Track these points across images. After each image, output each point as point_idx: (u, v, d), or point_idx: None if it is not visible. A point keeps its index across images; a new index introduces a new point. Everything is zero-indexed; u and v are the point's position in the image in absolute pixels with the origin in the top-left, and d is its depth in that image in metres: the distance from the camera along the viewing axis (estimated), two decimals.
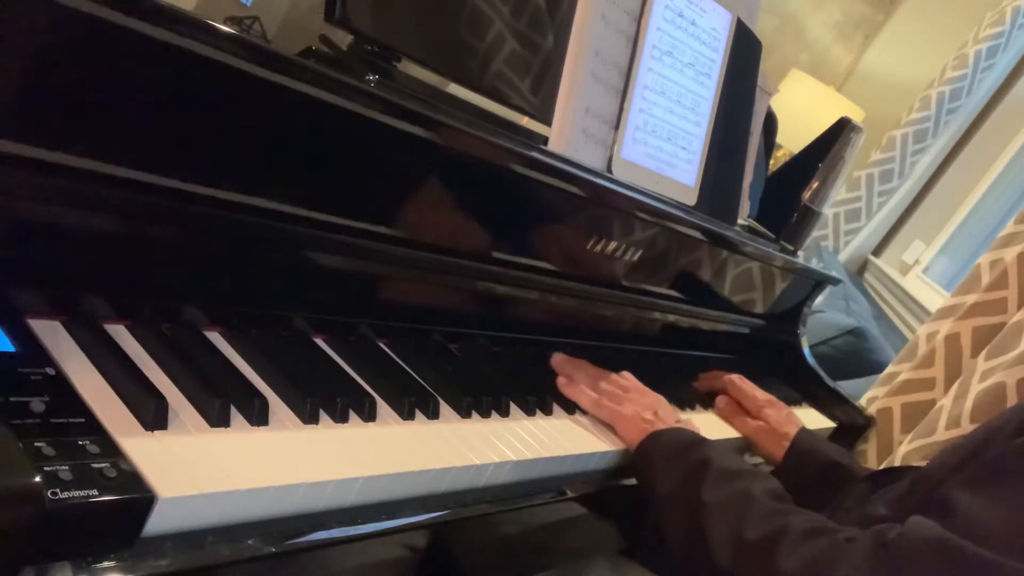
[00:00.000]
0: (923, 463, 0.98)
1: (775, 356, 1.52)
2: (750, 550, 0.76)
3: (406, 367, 0.84)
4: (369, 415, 0.73)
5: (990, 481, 0.72)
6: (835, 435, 1.44)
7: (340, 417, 0.70)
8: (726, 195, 1.22)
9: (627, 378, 1.04)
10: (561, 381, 0.98)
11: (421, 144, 0.77)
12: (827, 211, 1.84)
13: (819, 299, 1.56)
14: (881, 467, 1.26)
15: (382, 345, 0.86)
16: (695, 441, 0.92)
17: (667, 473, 0.88)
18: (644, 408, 0.98)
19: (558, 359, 1.03)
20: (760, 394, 1.24)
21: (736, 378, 1.26)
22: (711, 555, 0.78)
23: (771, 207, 1.46)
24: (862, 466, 1.19)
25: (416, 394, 0.78)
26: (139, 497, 0.50)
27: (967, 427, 1.23)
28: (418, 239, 0.84)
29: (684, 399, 1.17)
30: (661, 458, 0.90)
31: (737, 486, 0.83)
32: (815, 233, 1.54)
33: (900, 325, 2.79)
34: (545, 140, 0.95)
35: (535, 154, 0.87)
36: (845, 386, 1.53)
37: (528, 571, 0.99)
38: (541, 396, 0.91)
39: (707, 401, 1.23)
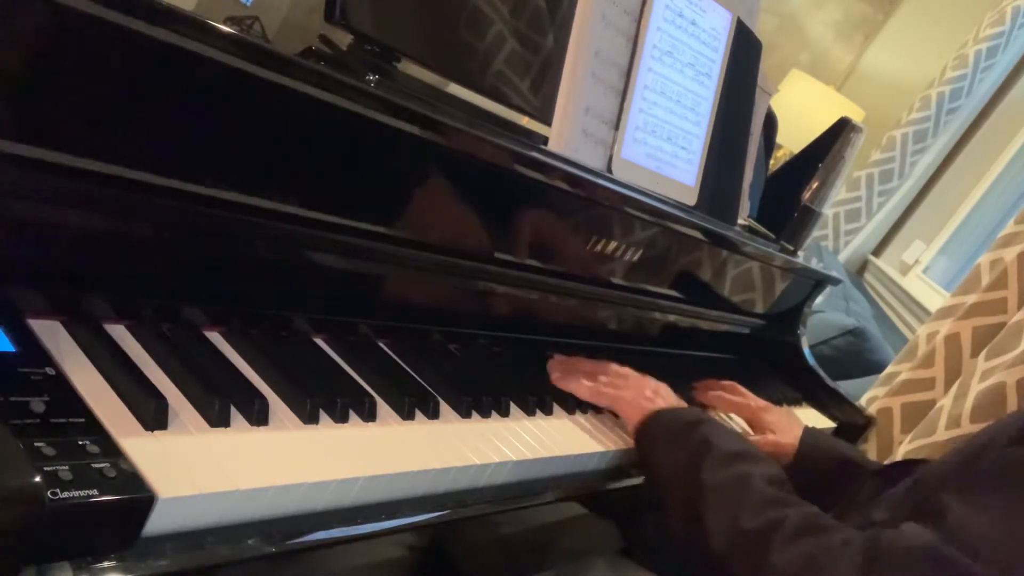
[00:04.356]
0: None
1: (775, 356, 1.52)
2: (744, 538, 0.77)
3: (406, 367, 0.84)
4: (369, 415, 0.73)
5: (980, 488, 0.72)
6: (835, 435, 1.44)
7: (340, 417, 0.70)
8: (726, 195, 1.22)
9: (625, 369, 1.04)
10: (555, 375, 0.98)
11: (421, 144, 0.77)
12: (827, 211, 1.84)
13: (819, 299, 1.56)
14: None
15: (382, 345, 0.86)
16: (697, 419, 0.92)
17: (668, 453, 0.88)
18: (644, 389, 0.98)
19: (554, 361, 1.02)
20: (754, 401, 1.23)
21: (725, 391, 1.24)
22: (707, 538, 0.79)
23: (771, 207, 1.46)
24: (870, 460, 1.18)
25: (416, 394, 0.78)
26: (139, 497, 0.50)
27: (967, 427, 1.23)
28: (418, 239, 0.84)
29: (685, 399, 1.17)
30: (662, 437, 0.90)
31: (737, 469, 0.83)
32: (815, 233, 1.54)
33: (900, 325, 2.80)
34: (545, 140, 0.95)
35: (535, 154, 0.87)
36: (845, 386, 1.53)
37: (528, 571, 0.99)
38: (541, 396, 0.91)
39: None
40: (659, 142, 1.08)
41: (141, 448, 0.54)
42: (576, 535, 1.16)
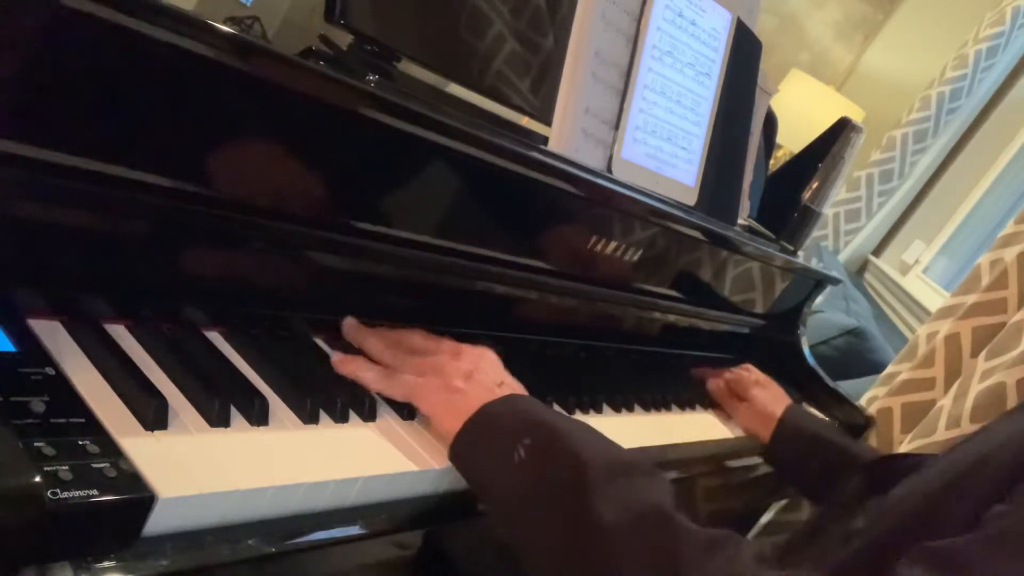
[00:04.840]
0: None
1: (775, 356, 1.52)
2: None
3: None
4: (369, 415, 0.73)
5: (1008, 549, 0.59)
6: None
7: (340, 417, 0.70)
8: (726, 195, 1.22)
9: (430, 338, 0.80)
10: (336, 359, 0.75)
11: (421, 144, 0.77)
12: (827, 211, 1.84)
13: (819, 299, 1.56)
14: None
15: None
16: (540, 419, 0.69)
17: (516, 480, 0.65)
18: (452, 374, 0.73)
19: (348, 326, 0.79)
20: (751, 374, 1.24)
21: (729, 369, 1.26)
22: None
23: (771, 207, 1.46)
24: (858, 444, 1.17)
25: None
26: (139, 497, 0.50)
27: (967, 427, 1.23)
28: (418, 239, 0.84)
29: (684, 399, 1.17)
30: (496, 454, 0.66)
31: (639, 496, 0.63)
32: (815, 233, 1.54)
33: (900, 325, 2.80)
34: (545, 140, 0.95)
35: (535, 154, 0.87)
36: (845, 386, 1.53)
37: (527, 571, 0.98)
38: (541, 396, 0.91)
39: (708, 402, 1.23)
40: (659, 142, 1.08)
41: (141, 448, 0.54)
42: None
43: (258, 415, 0.64)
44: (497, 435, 0.68)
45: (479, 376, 0.74)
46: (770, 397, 1.19)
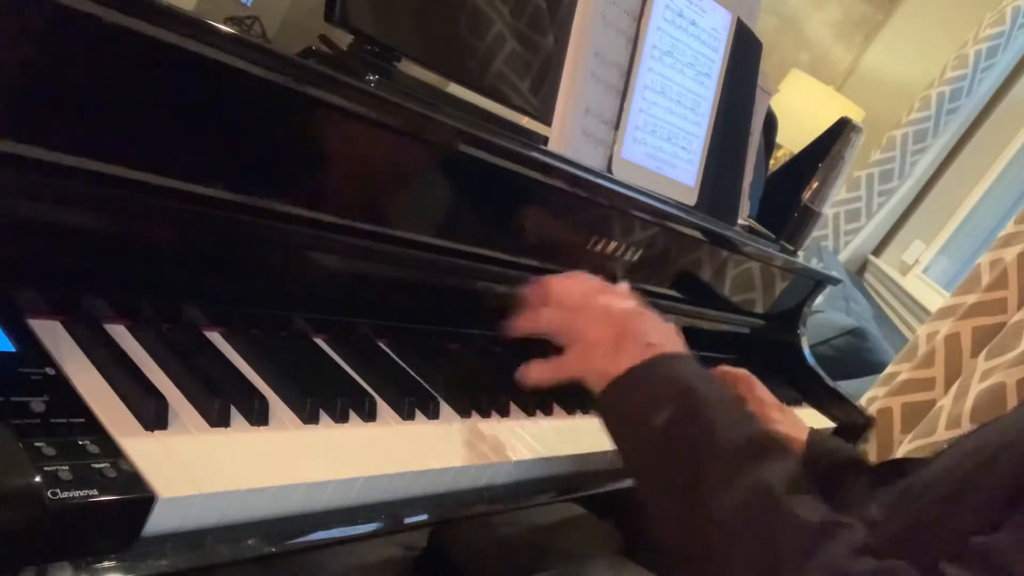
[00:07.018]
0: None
1: (775, 356, 1.52)
2: None
3: (406, 367, 0.84)
4: (369, 415, 0.73)
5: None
6: (835, 435, 1.44)
7: (340, 417, 0.70)
8: (726, 195, 1.22)
9: (569, 284, 0.81)
10: (521, 376, 0.80)
11: (421, 144, 0.77)
12: (827, 211, 1.84)
13: (819, 299, 1.56)
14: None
15: (382, 345, 0.86)
16: (683, 390, 0.70)
17: (649, 453, 0.68)
18: (603, 342, 0.75)
19: (508, 328, 0.82)
20: (768, 398, 1.24)
21: (748, 376, 1.26)
22: None
23: (771, 207, 1.46)
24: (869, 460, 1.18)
25: (416, 394, 0.78)
26: (139, 497, 0.50)
27: (967, 427, 1.23)
28: (418, 239, 0.84)
29: None
30: (636, 423, 0.69)
31: (755, 480, 0.63)
32: (815, 233, 1.54)
33: (900, 325, 2.80)
34: (545, 140, 0.95)
35: (535, 154, 0.87)
36: (845, 386, 1.53)
37: (528, 571, 0.99)
38: (541, 396, 0.91)
39: None
40: (659, 142, 1.08)
41: (141, 448, 0.54)
42: (576, 535, 1.16)
43: (258, 415, 0.64)
44: (638, 414, 0.69)
45: (632, 327, 0.76)
46: (791, 423, 1.19)
